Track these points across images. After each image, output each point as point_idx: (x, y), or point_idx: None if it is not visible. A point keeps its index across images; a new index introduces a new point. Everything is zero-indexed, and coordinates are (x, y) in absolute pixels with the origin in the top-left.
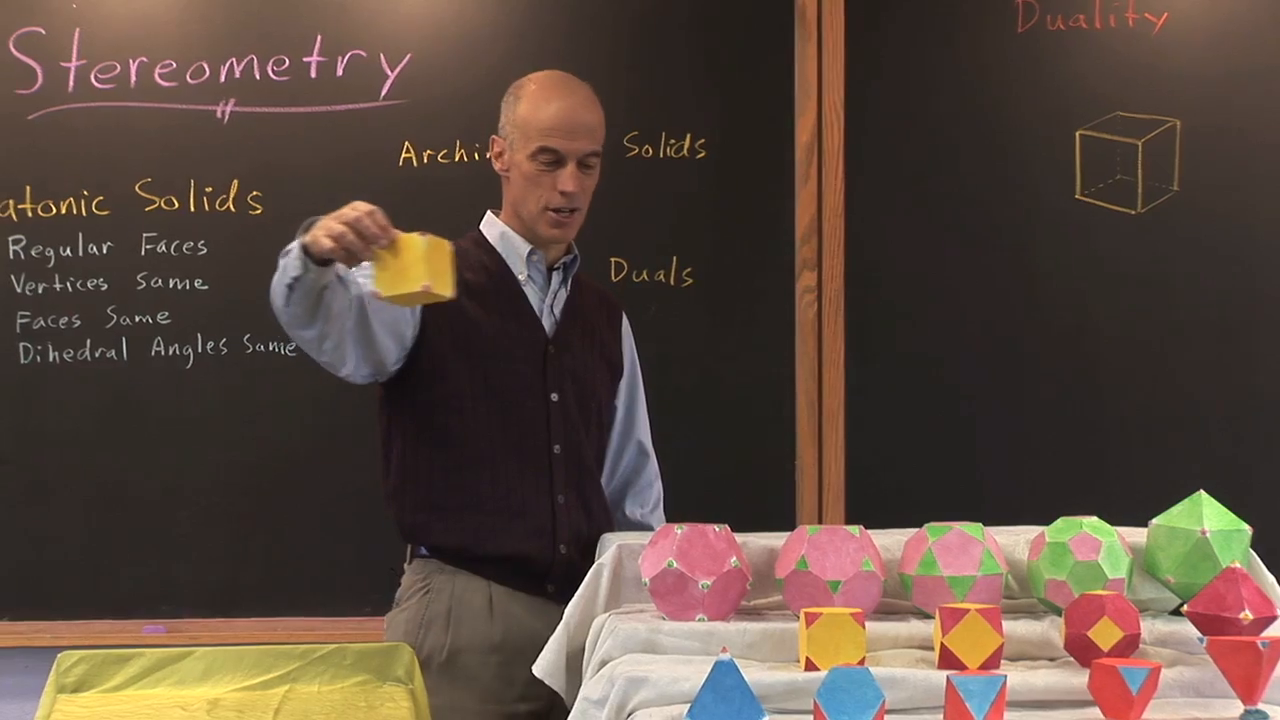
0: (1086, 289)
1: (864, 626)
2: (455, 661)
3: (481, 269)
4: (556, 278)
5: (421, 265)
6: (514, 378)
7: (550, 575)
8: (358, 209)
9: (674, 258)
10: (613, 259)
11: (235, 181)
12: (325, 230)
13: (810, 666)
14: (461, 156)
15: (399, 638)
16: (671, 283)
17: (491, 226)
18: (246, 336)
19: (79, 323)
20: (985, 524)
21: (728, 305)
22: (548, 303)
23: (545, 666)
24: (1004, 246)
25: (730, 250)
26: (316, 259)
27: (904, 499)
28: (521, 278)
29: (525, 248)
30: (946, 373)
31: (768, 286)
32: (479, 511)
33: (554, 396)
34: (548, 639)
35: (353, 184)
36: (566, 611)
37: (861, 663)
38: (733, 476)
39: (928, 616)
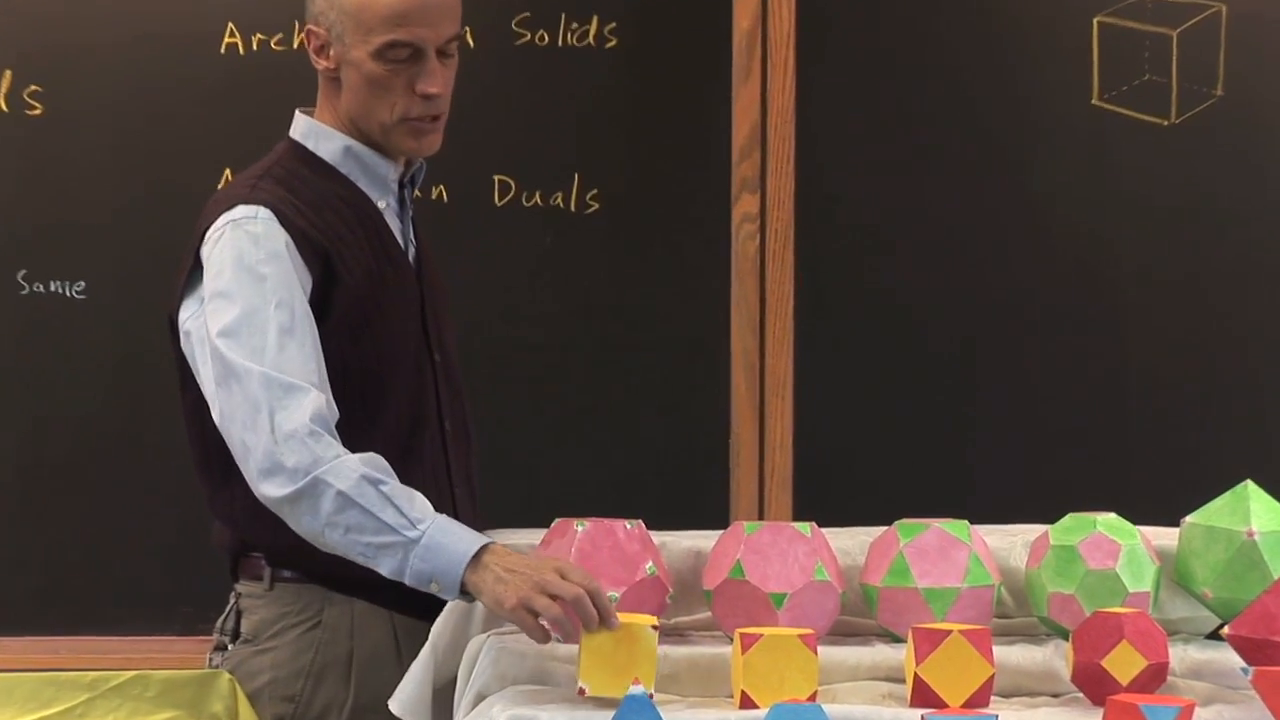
0: (1105, 219)
1: (816, 652)
2: None
3: (341, 204)
4: (407, 195)
5: (648, 664)
6: (398, 342)
7: None
8: (570, 577)
9: (576, 176)
10: (496, 178)
11: (7, 73)
12: (522, 599)
13: (747, 703)
14: (301, 43)
15: (262, 687)
16: (572, 209)
17: (324, 139)
18: (21, 273)
19: None
20: (972, 521)
21: (644, 238)
22: (409, 233)
23: (405, 702)
24: (1001, 165)
25: (648, 167)
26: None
27: (868, 488)
28: (382, 205)
29: (390, 169)
30: (924, 327)
31: (696, 214)
32: None
33: (437, 357)
34: None
35: (160, 75)
36: (433, 630)
37: (813, 698)
38: (650, 459)
39: (898, 640)
